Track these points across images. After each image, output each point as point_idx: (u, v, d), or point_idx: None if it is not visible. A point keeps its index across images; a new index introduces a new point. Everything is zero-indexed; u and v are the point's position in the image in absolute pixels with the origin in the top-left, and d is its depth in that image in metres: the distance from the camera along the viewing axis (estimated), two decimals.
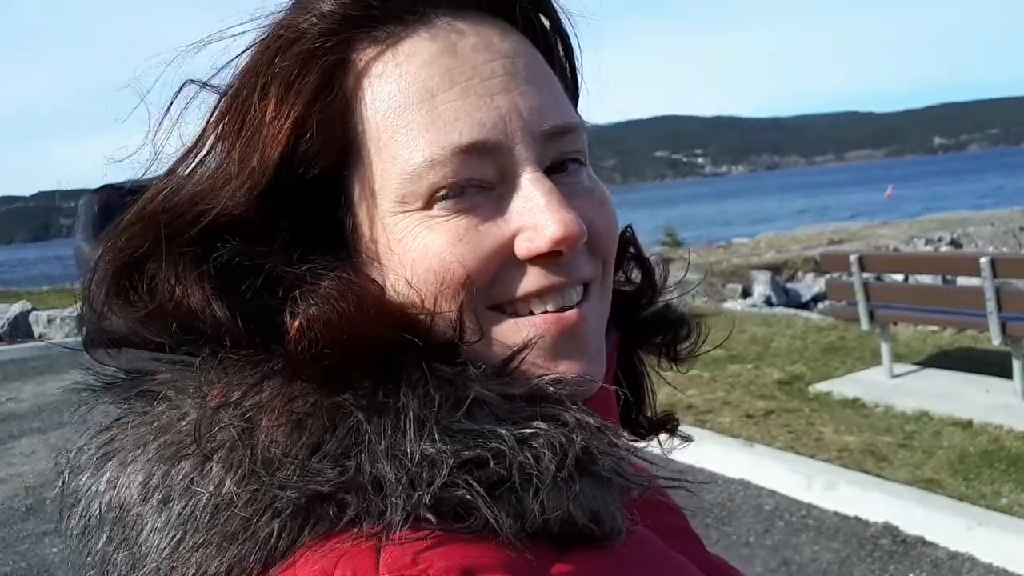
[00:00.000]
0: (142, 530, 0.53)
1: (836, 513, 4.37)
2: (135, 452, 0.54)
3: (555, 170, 0.60)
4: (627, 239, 0.75)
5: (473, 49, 0.58)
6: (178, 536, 0.51)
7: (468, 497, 0.49)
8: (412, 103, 0.56)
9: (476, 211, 0.57)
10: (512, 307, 0.59)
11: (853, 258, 6.54)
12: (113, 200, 0.65)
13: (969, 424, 5.31)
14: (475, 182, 0.57)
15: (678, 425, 0.82)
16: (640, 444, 0.74)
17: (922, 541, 3.98)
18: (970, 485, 4.33)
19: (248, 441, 0.51)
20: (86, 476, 0.57)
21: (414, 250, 0.57)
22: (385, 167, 0.57)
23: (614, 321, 0.67)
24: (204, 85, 0.60)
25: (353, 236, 0.60)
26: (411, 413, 0.51)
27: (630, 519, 0.55)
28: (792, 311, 11.40)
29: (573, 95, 0.69)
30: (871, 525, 4.19)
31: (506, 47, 0.59)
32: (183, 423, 0.54)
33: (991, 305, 5.56)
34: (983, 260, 5.59)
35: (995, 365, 6.27)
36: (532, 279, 0.58)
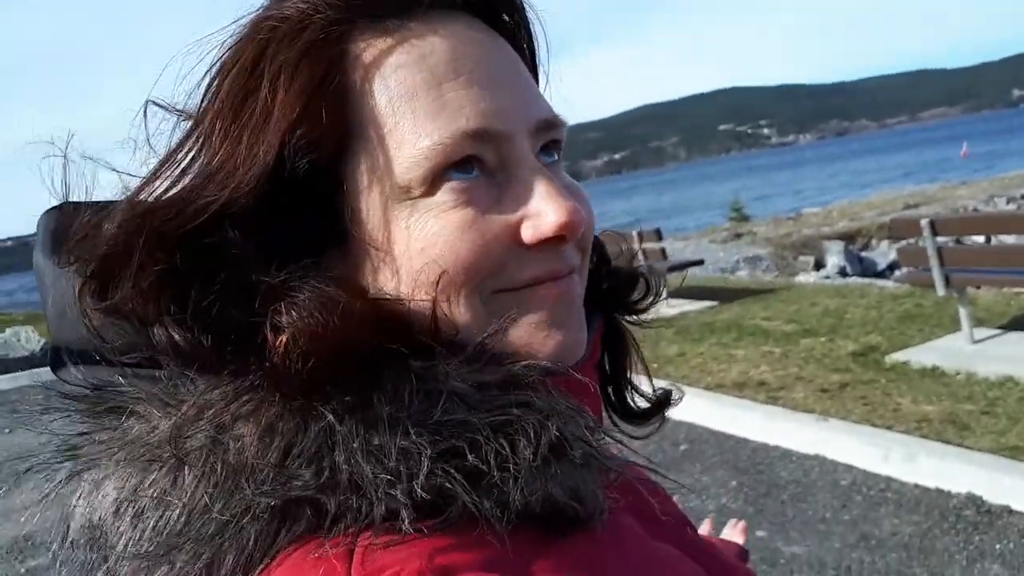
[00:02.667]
0: (117, 545, 0.53)
1: (916, 485, 4.26)
2: (106, 468, 0.54)
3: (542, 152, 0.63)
4: None
5: (472, 43, 0.61)
6: (152, 548, 0.51)
7: (447, 485, 0.49)
8: (419, 91, 0.58)
9: (480, 197, 0.59)
10: (513, 290, 0.61)
11: (924, 222, 6.32)
12: (72, 216, 0.61)
13: None
14: (480, 166, 0.59)
15: (671, 398, 0.80)
16: (636, 433, 0.76)
17: (1008, 510, 3.85)
18: None
19: (220, 447, 0.51)
20: (58, 493, 0.57)
21: (419, 239, 0.57)
22: (389, 154, 0.58)
23: (588, 299, 0.68)
24: (173, 110, 0.61)
25: (352, 224, 0.60)
26: (382, 411, 0.51)
27: (612, 499, 0.56)
28: (867, 281, 11.07)
29: None
30: (953, 496, 4.08)
31: (497, 44, 0.63)
32: (153, 436, 0.53)
33: None
34: None
35: None
36: (537, 264, 0.60)
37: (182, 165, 0.59)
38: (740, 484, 4.65)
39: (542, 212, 0.58)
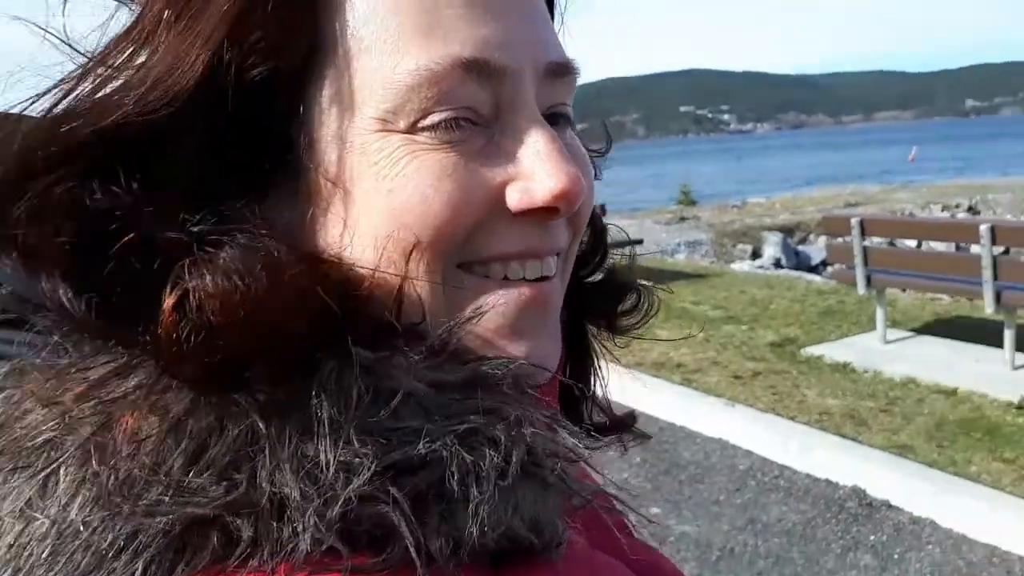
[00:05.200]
0: None
1: (808, 475, 4.43)
2: None
3: (550, 122, 0.53)
4: None
5: None
6: (10, 574, 0.41)
7: (391, 516, 0.39)
8: (409, 1, 0.48)
9: (467, 146, 0.49)
10: (484, 267, 0.51)
11: (854, 222, 6.50)
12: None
13: (954, 392, 5.33)
14: (472, 113, 0.49)
15: (635, 423, 0.73)
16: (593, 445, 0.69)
17: (887, 505, 4.04)
18: (943, 452, 4.37)
19: (105, 448, 0.41)
20: None
21: (388, 179, 0.47)
22: (365, 75, 0.48)
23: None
24: None
25: (307, 156, 0.49)
26: (323, 412, 0.41)
27: (571, 527, 0.46)
28: (795, 273, 11.38)
29: None
30: (840, 488, 4.25)
31: None
32: (22, 424, 0.43)
33: (987, 273, 5.54)
34: (983, 227, 5.55)
35: (990, 334, 6.26)
36: (515, 237, 0.51)
37: (116, 63, 0.47)
38: (644, 460, 4.76)
39: (536, 174, 0.49)
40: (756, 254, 15.05)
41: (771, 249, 14.92)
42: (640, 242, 11.62)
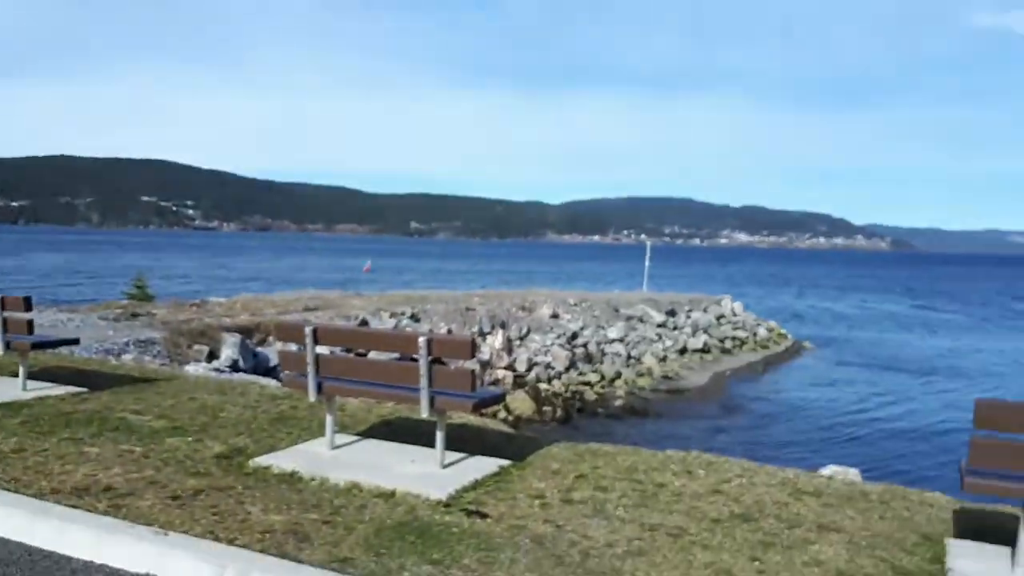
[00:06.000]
0: None
1: None
2: None
3: None
4: None
5: None
6: None
7: None
8: None
9: None
10: None
11: (308, 330, 6.51)
12: None
13: (392, 495, 5.51)
14: None
15: None
16: None
17: None
18: (380, 561, 4.38)
19: None
20: None
21: None
22: None
23: None
24: None
25: None
26: None
27: None
28: (250, 378, 11.13)
29: None
30: None
31: None
32: None
33: (424, 381, 5.97)
34: (421, 340, 5.98)
35: (426, 434, 6.75)
36: None
37: None
38: None
39: None
40: (213, 355, 14.45)
41: (229, 351, 14.50)
42: (77, 341, 10.15)
